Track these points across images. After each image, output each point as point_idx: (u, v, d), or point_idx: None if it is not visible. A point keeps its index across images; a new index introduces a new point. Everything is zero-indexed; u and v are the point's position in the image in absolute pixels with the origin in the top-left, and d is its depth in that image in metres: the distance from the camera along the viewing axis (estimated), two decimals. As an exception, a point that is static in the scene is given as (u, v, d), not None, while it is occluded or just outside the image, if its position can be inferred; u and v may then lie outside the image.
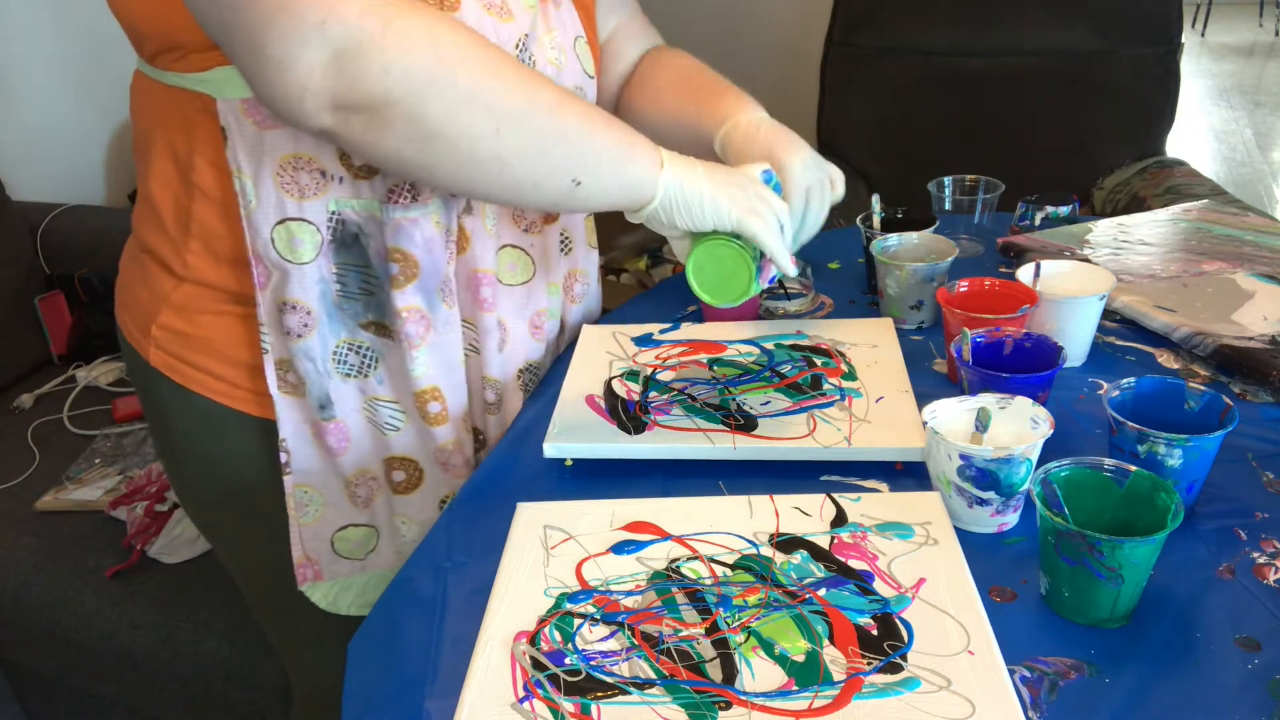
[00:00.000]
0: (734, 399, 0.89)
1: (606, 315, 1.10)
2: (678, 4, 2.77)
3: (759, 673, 0.59)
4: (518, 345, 0.92)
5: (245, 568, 0.98)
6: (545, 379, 0.97)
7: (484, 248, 0.85)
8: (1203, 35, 6.57)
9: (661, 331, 1.03)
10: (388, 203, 0.77)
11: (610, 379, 0.94)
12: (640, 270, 2.43)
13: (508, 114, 0.69)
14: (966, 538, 0.71)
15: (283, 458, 0.85)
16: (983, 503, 0.71)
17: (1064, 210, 1.26)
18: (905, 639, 0.61)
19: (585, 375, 0.95)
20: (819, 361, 0.95)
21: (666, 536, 0.72)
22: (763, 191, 0.83)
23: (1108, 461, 0.67)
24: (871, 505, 0.74)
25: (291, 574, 0.91)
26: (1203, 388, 0.74)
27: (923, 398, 0.84)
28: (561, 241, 0.95)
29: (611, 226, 0.97)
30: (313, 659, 1.01)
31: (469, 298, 0.86)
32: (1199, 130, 4.73)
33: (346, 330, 0.82)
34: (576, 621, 0.64)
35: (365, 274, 0.81)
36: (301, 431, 0.85)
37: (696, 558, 0.70)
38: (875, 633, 0.62)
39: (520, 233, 0.90)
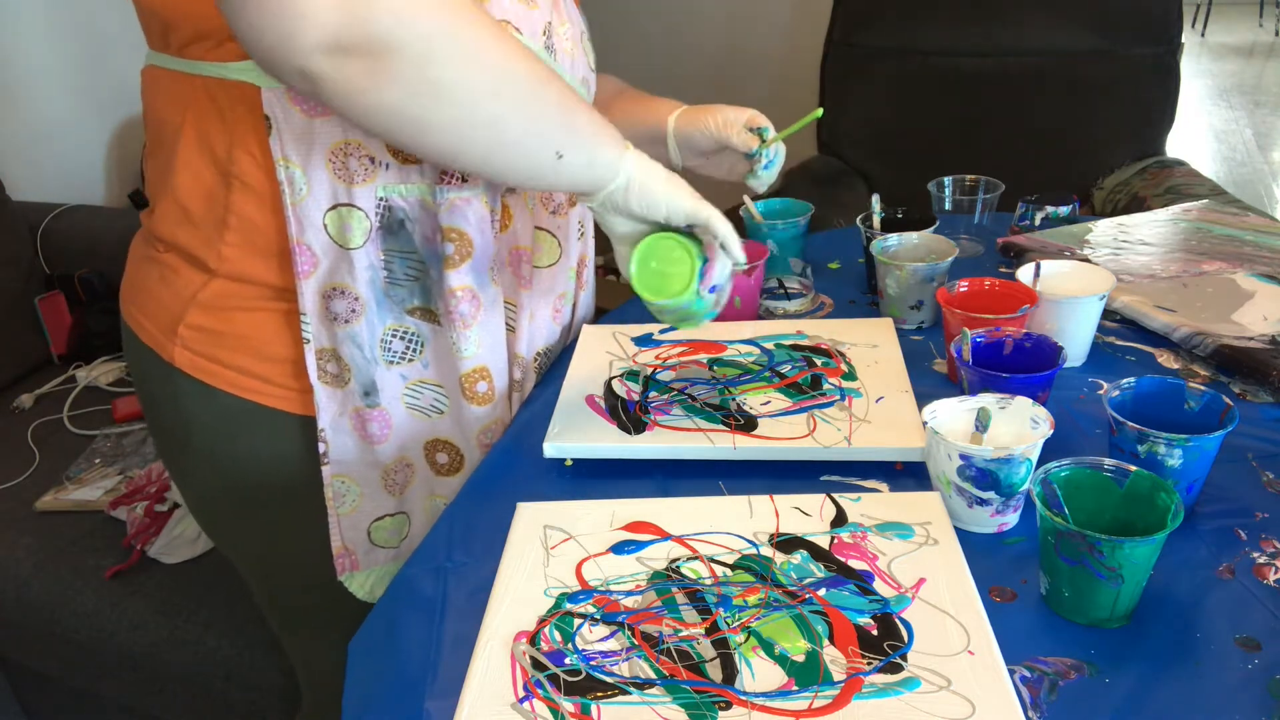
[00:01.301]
0: (734, 399, 0.89)
1: (606, 315, 1.10)
2: (678, 4, 2.78)
3: (759, 673, 0.59)
4: (540, 326, 0.94)
5: (260, 565, 0.97)
6: (545, 378, 0.97)
7: (524, 224, 0.87)
8: (1203, 35, 6.57)
9: (661, 331, 1.03)
10: (440, 184, 0.78)
11: (610, 379, 0.94)
12: (640, 270, 2.43)
13: (507, 75, 0.68)
14: (966, 538, 0.71)
15: (321, 448, 0.85)
16: (983, 503, 0.71)
17: (1064, 210, 1.26)
18: (905, 639, 0.61)
19: (585, 375, 0.95)
20: (819, 361, 0.95)
21: (666, 536, 0.72)
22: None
23: (1108, 461, 0.67)
24: (871, 505, 0.74)
25: (303, 569, 0.91)
26: (1203, 388, 0.74)
27: (923, 398, 0.84)
28: (578, 226, 0.96)
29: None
30: (323, 656, 1.01)
31: (510, 275, 0.88)
32: (1199, 130, 4.73)
33: (393, 317, 0.83)
34: (576, 621, 0.64)
35: (411, 260, 0.81)
36: (339, 423, 0.85)
37: (696, 558, 0.70)
38: (875, 633, 0.62)
39: (549, 215, 0.91)
